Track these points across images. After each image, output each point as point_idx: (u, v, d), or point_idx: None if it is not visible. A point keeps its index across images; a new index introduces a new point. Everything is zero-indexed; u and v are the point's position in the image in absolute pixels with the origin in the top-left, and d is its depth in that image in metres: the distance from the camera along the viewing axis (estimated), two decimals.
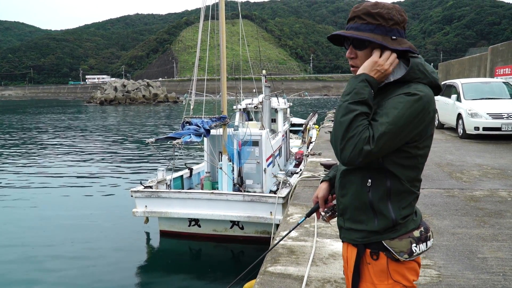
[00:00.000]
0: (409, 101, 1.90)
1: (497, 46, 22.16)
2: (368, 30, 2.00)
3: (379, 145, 1.85)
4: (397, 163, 1.98)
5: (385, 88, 2.03)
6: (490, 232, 5.48)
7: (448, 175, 8.85)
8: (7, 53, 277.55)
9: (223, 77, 10.53)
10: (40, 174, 17.54)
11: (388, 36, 2.00)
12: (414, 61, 2.03)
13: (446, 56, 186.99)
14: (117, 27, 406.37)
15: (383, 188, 2.01)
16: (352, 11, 2.07)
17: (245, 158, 10.39)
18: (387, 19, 1.99)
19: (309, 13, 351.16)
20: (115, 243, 9.97)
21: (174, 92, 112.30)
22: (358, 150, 1.85)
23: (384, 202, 2.01)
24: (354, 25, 2.04)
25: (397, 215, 2.01)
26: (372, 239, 2.04)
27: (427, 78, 2.02)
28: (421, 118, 1.92)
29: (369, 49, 2.03)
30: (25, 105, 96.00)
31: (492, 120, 13.58)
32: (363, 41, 2.03)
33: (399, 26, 2.02)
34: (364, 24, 2.01)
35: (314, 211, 2.45)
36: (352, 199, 2.09)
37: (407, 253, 2.00)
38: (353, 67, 2.11)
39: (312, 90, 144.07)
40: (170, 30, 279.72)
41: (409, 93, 1.92)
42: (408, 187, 2.02)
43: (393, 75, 2.02)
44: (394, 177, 2.00)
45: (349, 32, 2.04)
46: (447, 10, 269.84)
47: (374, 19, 1.99)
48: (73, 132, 34.37)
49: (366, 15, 2.01)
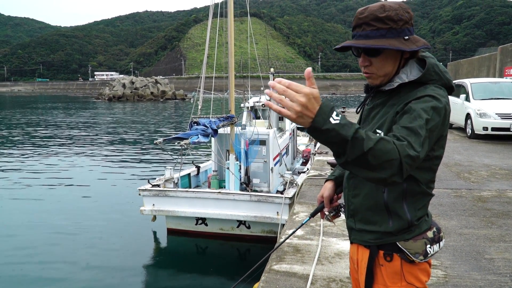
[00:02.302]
0: (435, 107, 1.83)
1: (506, 46, 22.02)
2: (379, 36, 1.91)
3: (424, 148, 1.75)
4: None
5: (399, 89, 1.98)
6: (497, 233, 5.46)
7: (456, 175, 8.82)
8: (17, 49, 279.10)
9: (231, 75, 10.54)
10: (47, 171, 17.65)
11: (400, 38, 1.91)
12: (430, 62, 1.98)
13: (456, 55, 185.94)
14: (126, 24, 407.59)
15: (399, 189, 1.96)
16: (357, 18, 1.96)
17: (252, 157, 10.40)
18: (397, 21, 1.90)
19: (318, 11, 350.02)
20: (123, 241, 10.02)
21: (182, 89, 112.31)
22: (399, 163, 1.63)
23: (399, 203, 1.98)
24: (363, 32, 1.93)
25: (413, 216, 1.98)
26: (386, 240, 2.01)
27: (441, 80, 1.98)
28: (443, 121, 1.87)
29: (383, 54, 1.96)
30: (35, 100, 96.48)
31: (501, 120, 13.51)
32: (377, 48, 1.94)
33: (408, 24, 1.94)
34: (375, 31, 1.91)
35: (319, 211, 2.43)
36: (365, 199, 2.05)
37: (422, 254, 1.97)
38: (368, 74, 2.03)
39: (320, 89, 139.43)
40: (179, 28, 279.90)
41: (430, 95, 1.86)
42: (424, 189, 1.99)
43: (407, 75, 1.97)
44: (411, 179, 1.94)
45: (361, 42, 1.93)
46: (456, 9, 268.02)
47: (384, 23, 1.90)
48: (81, 129, 34.52)
49: (374, 21, 1.91)
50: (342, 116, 1.56)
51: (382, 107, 2.03)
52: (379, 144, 1.58)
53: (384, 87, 2.03)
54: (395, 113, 1.93)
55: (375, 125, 2.00)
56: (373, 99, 2.13)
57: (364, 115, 2.17)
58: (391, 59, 1.97)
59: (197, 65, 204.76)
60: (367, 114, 2.13)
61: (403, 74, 1.98)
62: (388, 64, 1.98)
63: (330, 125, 1.52)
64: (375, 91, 2.11)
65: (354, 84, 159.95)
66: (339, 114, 1.56)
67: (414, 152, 1.68)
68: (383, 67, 1.98)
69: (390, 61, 1.97)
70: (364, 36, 1.93)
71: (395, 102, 1.96)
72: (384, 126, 1.95)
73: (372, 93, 2.13)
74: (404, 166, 1.63)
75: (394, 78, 2.00)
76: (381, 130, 1.96)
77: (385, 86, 2.03)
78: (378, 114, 2.03)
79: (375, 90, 2.10)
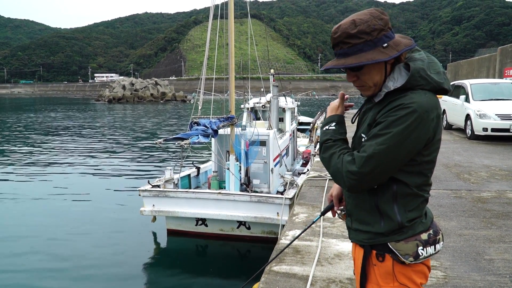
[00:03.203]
0: (407, 117, 1.84)
1: (506, 47, 22.04)
2: (357, 51, 1.92)
3: (369, 165, 1.86)
4: (402, 170, 1.95)
5: (385, 97, 1.99)
6: (497, 234, 5.46)
7: (455, 176, 8.82)
8: (17, 51, 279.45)
9: (231, 76, 10.55)
10: (47, 173, 17.64)
11: (378, 47, 1.91)
12: (415, 67, 1.95)
13: (455, 56, 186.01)
14: (126, 25, 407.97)
15: (389, 192, 1.99)
16: (333, 38, 1.98)
17: (253, 158, 10.41)
18: (370, 32, 1.90)
19: (317, 13, 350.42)
20: (123, 242, 10.02)
21: (182, 91, 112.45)
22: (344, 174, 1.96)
23: (390, 205, 1.99)
24: (341, 51, 1.95)
25: (403, 217, 1.98)
26: (378, 240, 2.02)
27: (429, 84, 1.95)
28: (420, 130, 1.86)
29: (366, 67, 1.96)
30: (34, 102, 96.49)
31: (501, 121, 13.51)
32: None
33: (384, 30, 1.93)
34: (351, 47, 1.92)
35: (329, 210, 2.46)
36: (358, 200, 2.09)
37: (412, 256, 1.97)
38: (358, 87, 2.07)
39: (320, 90, 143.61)
40: (179, 29, 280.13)
41: (402, 105, 1.86)
42: (415, 191, 1.99)
43: (394, 82, 1.97)
44: (399, 182, 1.97)
45: (341, 62, 1.95)
46: (456, 10, 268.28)
47: (358, 38, 1.90)
48: (81, 131, 34.52)
49: (348, 38, 1.92)
50: (334, 129, 2.12)
51: (370, 111, 2.08)
52: (331, 158, 2.02)
53: (374, 98, 2.05)
54: (372, 120, 1.98)
55: (362, 130, 2.06)
56: (366, 103, 2.16)
57: (360, 118, 2.20)
58: (376, 69, 1.98)
59: (197, 67, 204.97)
60: (361, 117, 2.17)
61: (390, 81, 1.98)
62: (374, 74, 1.99)
63: (322, 130, 2.18)
64: (365, 102, 2.16)
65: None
66: (337, 126, 2.14)
67: (354, 169, 1.89)
68: (370, 78, 2.00)
69: (375, 71, 1.98)
70: (343, 54, 1.96)
71: (380, 108, 1.98)
72: (366, 130, 2.02)
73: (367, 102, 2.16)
74: (346, 181, 1.93)
75: (382, 87, 2.01)
76: (364, 134, 2.02)
77: (375, 97, 2.04)
78: (367, 119, 2.06)
79: (364, 105, 2.16)
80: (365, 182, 1.89)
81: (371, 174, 1.87)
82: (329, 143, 2.06)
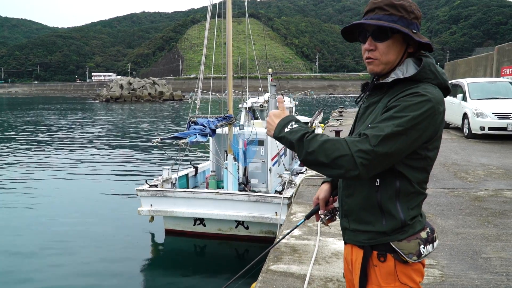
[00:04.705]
0: (421, 104, 1.84)
1: (503, 46, 22.08)
2: (391, 21, 1.94)
3: (386, 145, 1.79)
4: (407, 165, 1.93)
5: (393, 84, 1.99)
6: (494, 232, 5.49)
7: (453, 175, 8.85)
8: (14, 50, 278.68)
9: (229, 75, 10.55)
10: (45, 172, 17.62)
11: (409, 29, 1.95)
12: (427, 60, 1.98)
13: (453, 55, 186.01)
14: (123, 25, 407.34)
15: (392, 189, 1.96)
16: (372, 3, 2.01)
17: (251, 157, 10.41)
18: (409, 12, 1.96)
19: (315, 12, 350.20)
20: (120, 242, 10.01)
21: (180, 90, 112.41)
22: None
23: (392, 202, 1.97)
24: (375, 16, 1.98)
25: (406, 215, 1.97)
26: (380, 240, 1.99)
27: (437, 79, 1.98)
28: (431, 120, 1.87)
29: (390, 40, 1.98)
30: (32, 102, 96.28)
31: (498, 120, 13.54)
32: (385, 31, 1.96)
33: (418, 21, 1.99)
34: (387, 15, 1.95)
35: (314, 213, 2.42)
36: (359, 199, 2.05)
37: (415, 255, 1.96)
38: (370, 59, 2.03)
39: (317, 89, 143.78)
40: (176, 28, 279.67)
41: (418, 93, 1.86)
42: (417, 188, 1.99)
43: (403, 72, 1.98)
44: (403, 178, 1.95)
45: (374, 21, 1.97)
46: (454, 9, 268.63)
47: (397, 10, 1.95)
48: (78, 130, 34.47)
49: (388, 6, 1.96)
50: (300, 126, 1.94)
51: (377, 104, 2.04)
52: (326, 144, 1.82)
53: (380, 79, 2.05)
54: (384, 108, 1.95)
55: (368, 122, 1.99)
56: (369, 98, 2.13)
57: (359, 114, 2.18)
58: (396, 47, 2.00)
59: (195, 66, 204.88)
60: (362, 112, 2.14)
61: (399, 70, 2.00)
62: (392, 52, 2.00)
63: (282, 134, 1.95)
64: (371, 88, 2.12)
65: (352, 84, 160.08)
66: (298, 123, 1.96)
67: (368, 147, 1.79)
68: (387, 53, 2.00)
69: (395, 50, 2.00)
70: (376, 19, 1.98)
71: (390, 98, 1.97)
72: (375, 122, 1.94)
73: (369, 90, 2.13)
74: (357, 161, 1.78)
75: (390, 73, 2.01)
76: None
77: (382, 78, 2.04)
78: (373, 111, 2.03)
79: (371, 86, 2.11)
80: (376, 163, 1.80)
81: (385, 156, 1.80)
82: (309, 136, 1.87)
